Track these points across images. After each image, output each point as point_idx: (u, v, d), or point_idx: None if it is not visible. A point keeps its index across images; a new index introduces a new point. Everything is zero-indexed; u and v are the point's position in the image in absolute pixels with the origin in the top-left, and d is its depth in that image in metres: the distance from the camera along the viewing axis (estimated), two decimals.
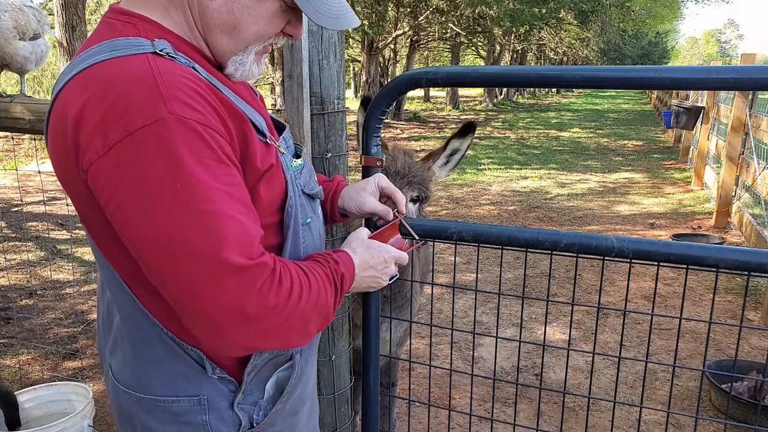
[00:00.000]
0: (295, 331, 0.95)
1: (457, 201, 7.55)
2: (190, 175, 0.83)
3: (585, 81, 1.19)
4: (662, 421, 2.87)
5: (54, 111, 0.92)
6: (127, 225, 0.85)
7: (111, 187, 0.84)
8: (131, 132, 0.82)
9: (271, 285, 0.89)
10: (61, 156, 0.91)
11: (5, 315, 3.95)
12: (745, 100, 6.01)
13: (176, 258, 0.84)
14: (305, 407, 1.20)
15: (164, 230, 0.83)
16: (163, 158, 0.83)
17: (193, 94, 0.87)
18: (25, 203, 7.19)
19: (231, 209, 0.86)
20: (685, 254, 1.20)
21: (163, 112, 0.83)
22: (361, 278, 1.13)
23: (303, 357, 1.13)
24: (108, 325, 1.08)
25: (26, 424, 2.46)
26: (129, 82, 0.85)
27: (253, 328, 0.88)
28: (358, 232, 1.20)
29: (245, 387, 1.04)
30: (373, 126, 1.38)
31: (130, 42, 0.91)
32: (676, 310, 4.13)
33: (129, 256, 0.92)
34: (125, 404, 1.06)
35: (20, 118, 2.06)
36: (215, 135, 0.87)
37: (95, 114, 0.84)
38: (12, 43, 2.32)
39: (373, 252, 1.15)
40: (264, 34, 1.00)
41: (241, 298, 0.86)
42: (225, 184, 0.87)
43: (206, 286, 0.84)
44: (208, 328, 0.87)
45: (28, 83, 14.92)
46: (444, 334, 3.76)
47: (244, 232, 0.88)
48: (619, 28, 29.10)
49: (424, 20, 16.51)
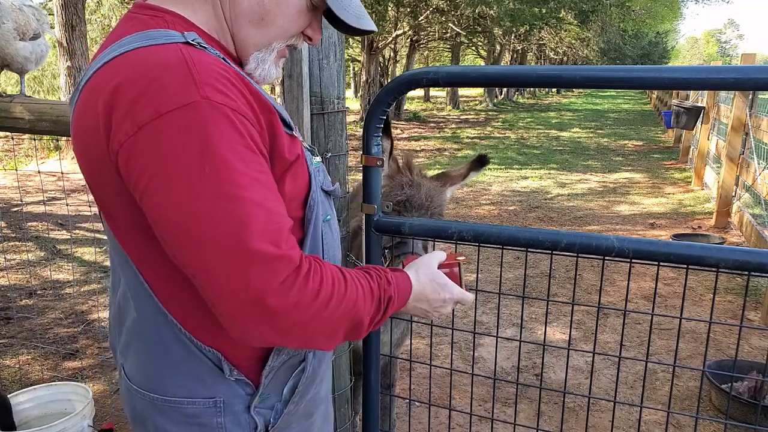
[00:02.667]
0: (322, 336, 0.92)
1: (458, 201, 7.55)
2: (219, 160, 0.83)
3: (585, 81, 1.19)
4: (662, 421, 2.87)
5: (82, 98, 0.91)
6: (154, 206, 0.84)
7: (140, 168, 0.83)
8: (162, 114, 0.82)
9: (295, 280, 0.86)
10: (90, 142, 0.90)
11: (5, 315, 3.95)
12: (745, 100, 6.01)
13: (200, 242, 0.82)
14: (320, 410, 1.19)
15: (189, 213, 0.82)
16: (193, 141, 0.82)
17: (225, 81, 0.87)
18: (25, 203, 7.18)
19: (259, 196, 0.85)
20: (686, 254, 1.20)
21: (195, 96, 0.83)
22: (412, 306, 1.11)
23: (316, 357, 1.11)
24: (120, 325, 1.07)
25: (26, 424, 2.46)
26: (161, 68, 0.85)
27: (275, 322, 0.85)
28: (431, 257, 1.17)
29: (262, 390, 1.02)
30: (374, 126, 1.38)
31: (161, 33, 0.91)
32: (676, 310, 4.12)
33: (152, 248, 0.91)
34: (139, 406, 1.04)
35: (20, 118, 2.06)
36: (246, 122, 0.87)
37: (126, 97, 0.84)
38: (12, 44, 2.32)
39: (437, 288, 1.13)
40: (288, 29, 1.02)
41: (264, 288, 0.83)
42: (255, 171, 0.86)
43: (229, 273, 0.82)
44: (232, 316, 0.85)
45: (28, 83, 14.91)
46: (444, 334, 3.75)
47: (271, 221, 0.86)
48: (619, 28, 29.08)
49: (424, 20, 16.51)
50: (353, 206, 1.92)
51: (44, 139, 9.41)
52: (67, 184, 8.11)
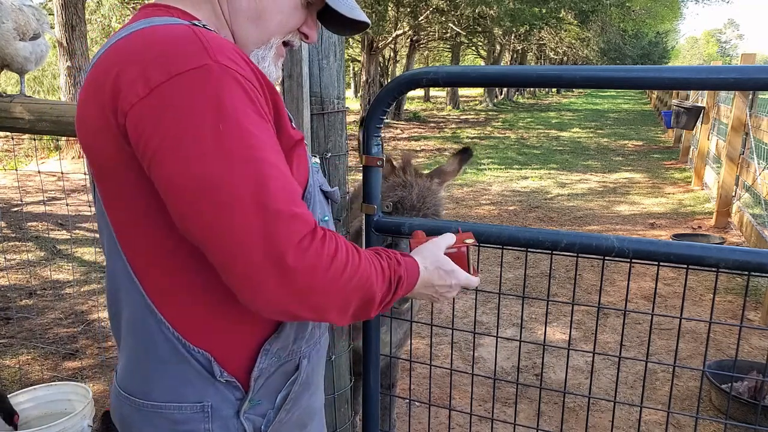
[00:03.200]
0: (335, 306, 0.90)
1: (458, 201, 7.55)
2: (232, 120, 0.83)
3: (585, 81, 1.19)
4: (662, 421, 2.87)
5: (91, 73, 0.92)
6: (166, 168, 0.82)
7: (152, 128, 0.82)
8: (174, 75, 0.82)
9: (312, 241, 0.85)
10: (94, 110, 0.89)
11: (5, 315, 3.95)
12: (745, 100, 6.01)
13: (217, 202, 0.81)
14: (315, 421, 1.17)
15: (205, 173, 0.81)
16: (207, 101, 0.82)
17: (235, 53, 0.88)
18: (25, 203, 7.18)
19: (274, 159, 0.86)
20: (685, 254, 1.20)
21: (207, 60, 0.83)
22: (418, 292, 1.11)
23: (310, 364, 1.10)
24: (116, 326, 1.05)
25: (26, 424, 2.46)
26: (172, 38, 0.86)
27: (291, 283, 0.83)
28: (438, 242, 1.15)
29: (252, 394, 1.00)
30: (374, 126, 1.38)
31: (167, 18, 0.93)
32: (676, 310, 4.12)
33: (148, 234, 0.91)
34: (126, 412, 1.02)
35: (20, 118, 2.06)
36: (255, 91, 0.88)
37: (138, 63, 0.84)
38: (12, 44, 2.32)
39: (443, 275, 1.12)
40: (286, 24, 1.04)
41: (284, 244, 0.82)
42: (266, 136, 0.87)
43: (248, 230, 0.81)
44: (247, 278, 0.83)
45: (29, 83, 14.91)
46: (444, 334, 3.75)
47: (287, 181, 0.86)
48: (619, 28, 29.08)
49: (424, 20, 16.50)
50: (354, 207, 1.92)
51: (44, 139, 9.41)
52: (67, 184, 8.11)
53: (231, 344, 0.98)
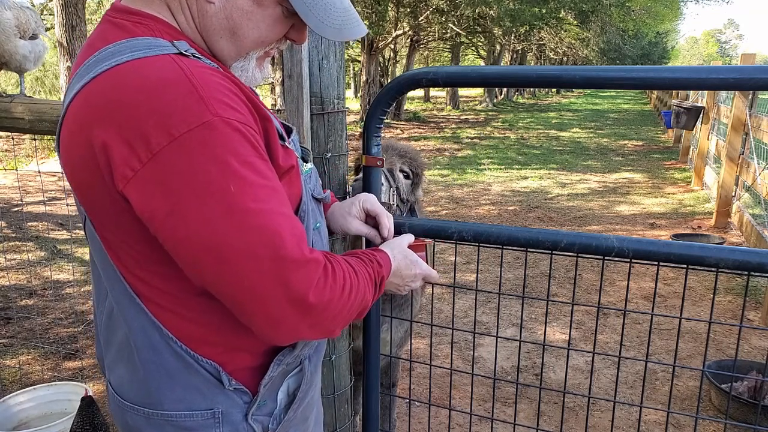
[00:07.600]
0: (340, 325, 0.97)
1: (458, 201, 7.55)
2: (240, 177, 0.83)
3: (585, 81, 1.19)
4: (662, 421, 2.87)
5: (69, 118, 0.87)
6: (181, 232, 0.82)
7: (160, 195, 0.81)
8: (176, 137, 0.79)
9: (326, 280, 0.91)
10: (83, 170, 0.86)
11: (5, 315, 3.95)
12: (745, 100, 6.01)
13: (236, 258, 0.83)
14: (313, 413, 1.20)
15: (222, 234, 0.82)
16: (213, 161, 0.81)
17: (229, 93, 0.86)
18: (25, 203, 7.18)
19: (279, 206, 0.87)
20: (685, 254, 1.20)
21: (207, 115, 0.81)
22: (388, 282, 1.16)
23: (312, 363, 1.12)
24: (109, 339, 1.04)
25: (26, 424, 2.46)
26: (162, 86, 0.81)
27: (310, 319, 0.89)
28: (402, 238, 1.24)
29: (260, 398, 1.02)
30: (374, 126, 1.38)
31: (150, 42, 0.87)
32: (676, 310, 4.12)
33: (149, 267, 0.91)
34: (131, 421, 1.02)
35: (20, 118, 2.06)
36: (254, 133, 0.87)
37: (130, 121, 0.80)
38: (12, 40, 2.31)
39: (409, 264, 1.19)
40: (265, 40, 0.99)
41: (303, 289, 0.87)
42: (270, 180, 0.87)
43: (270, 284, 0.84)
44: (270, 322, 0.87)
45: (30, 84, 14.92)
46: (444, 334, 3.75)
47: (295, 226, 0.89)
48: (619, 28, 29.07)
49: (424, 20, 16.51)
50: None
51: (44, 139, 9.41)
52: (67, 184, 8.10)
53: (238, 353, 1.00)
